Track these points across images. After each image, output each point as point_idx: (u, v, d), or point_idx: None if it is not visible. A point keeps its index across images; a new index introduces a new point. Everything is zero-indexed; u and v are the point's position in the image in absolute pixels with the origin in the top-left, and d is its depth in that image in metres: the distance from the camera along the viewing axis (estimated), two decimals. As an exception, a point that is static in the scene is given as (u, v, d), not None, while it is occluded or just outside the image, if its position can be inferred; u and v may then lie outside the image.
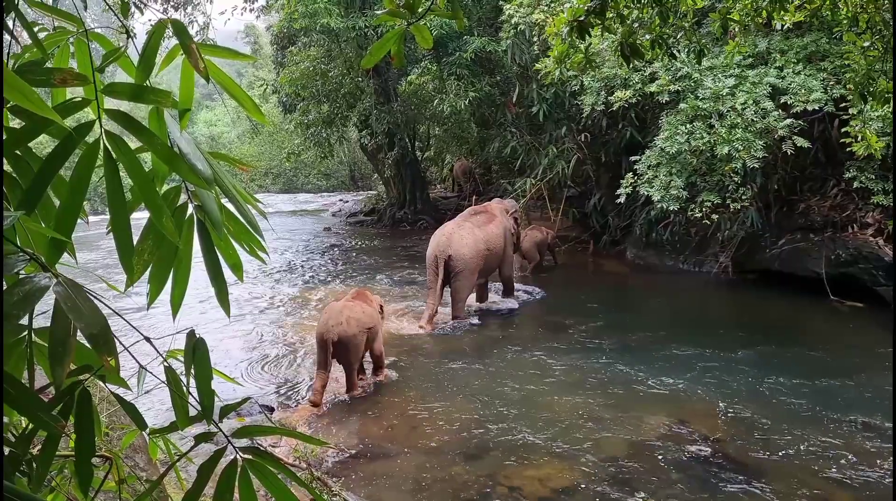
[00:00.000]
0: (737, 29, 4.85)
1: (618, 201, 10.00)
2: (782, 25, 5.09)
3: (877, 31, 4.55)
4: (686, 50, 4.89)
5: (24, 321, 1.10)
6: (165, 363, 1.36)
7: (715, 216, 9.02)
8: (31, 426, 1.18)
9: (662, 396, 6.01)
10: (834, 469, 4.69)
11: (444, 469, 4.79)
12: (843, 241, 9.08)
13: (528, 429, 5.39)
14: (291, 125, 17.70)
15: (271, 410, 5.85)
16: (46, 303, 1.04)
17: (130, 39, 1.54)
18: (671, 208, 8.84)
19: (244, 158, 30.31)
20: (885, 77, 4.68)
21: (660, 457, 4.92)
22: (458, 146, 17.74)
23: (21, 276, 1.04)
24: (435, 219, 17.06)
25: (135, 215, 1.25)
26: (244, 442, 1.33)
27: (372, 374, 6.61)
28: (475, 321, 8.71)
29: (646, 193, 9.12)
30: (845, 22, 4.71)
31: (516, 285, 9.84)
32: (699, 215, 8.95)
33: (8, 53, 1.35)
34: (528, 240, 11.31)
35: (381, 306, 6.70)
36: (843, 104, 8.03)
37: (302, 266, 12.68)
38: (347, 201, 23.67)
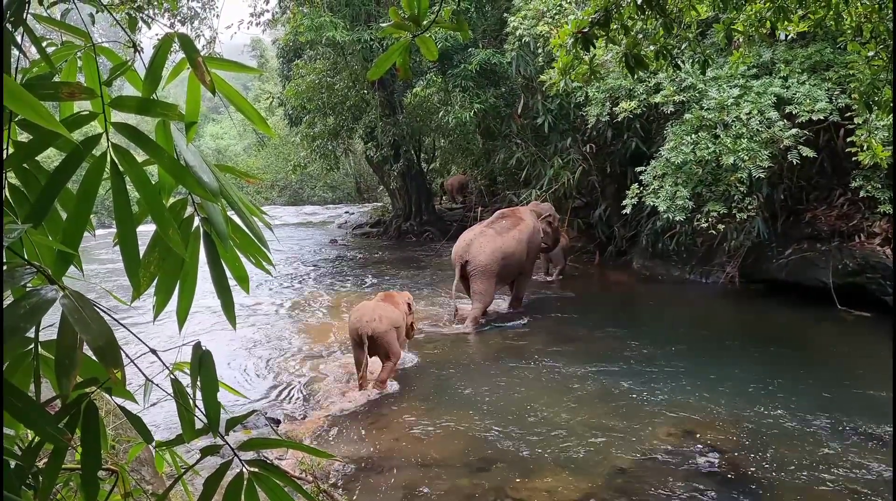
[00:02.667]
0: (741, 39, 4.86)
1: (623, 211, 10.00)
2: (786, 36, 5.10)
3: (881, 41, 4.55)
4: (690, 60, 4.89)
5: (31, 333, 1.11)
6: (172, 376, 1.36)
7: (721, 226, 9.00)
8: (37, 438, 1.18)
9: (670, 407, 5.98)
10: (843, 480, 4.65)
11: (451, 482, 4.77)
12: (849, 250, 9.04)
13: (535, 440, 5.36)
14: (297, 138, 17.78)
15: (277, 422, 5.84)
16: (53, 316, 1.04)
17: (138, 53, 1.55)
18: (677, 219, 8.82)
19: (250, 170, 30.47)
20: (890, 86, 4.68)
21: (668, 469, 4.88)
22: (463, 158, 17.81)
23: (28, 289, 1.04)
24: (441, 230, 17.09)
25: (141, 228, 1.26)
26: (250, 455, 1.33)
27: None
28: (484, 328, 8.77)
29: (651, 203, 9.11)
30: (849, 32, 4.72)
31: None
32: (705, 225, 8.94)
33: (16, 68, 1.37)
34: (564, 240, 11.43)
35: (409, 304, 7.11)
36: (849, 114, 8.03)
37: (308, 278, 12.69)
38: (353, 213, 23.75)
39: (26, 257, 1.15)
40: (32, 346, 1.16)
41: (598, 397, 6.27)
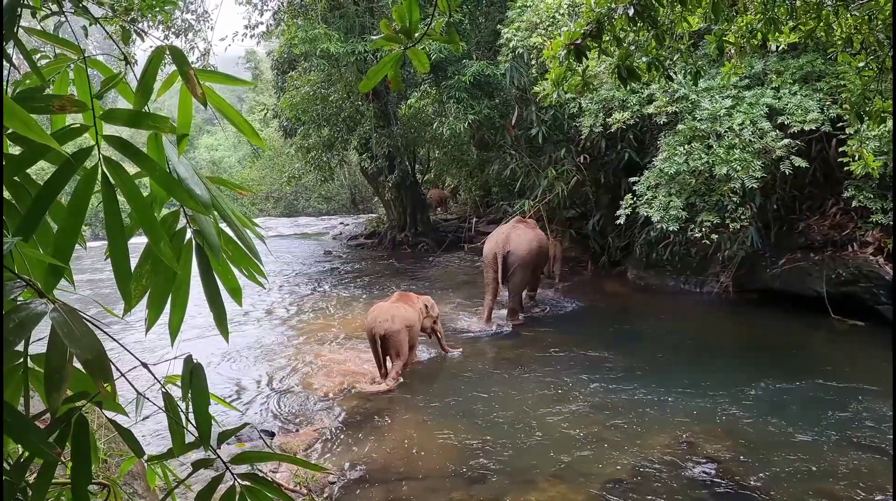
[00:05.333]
0: (733, 50, 4.89)
1: (617, 221, 10.01)
2: (777, 47, 5.14)
3: (871, 52, 4.59)
4: (683, 72, 4.92)
5: (21, 347, 1.10)
6: (163, 389, 1.36)
7: (715, 236, 9.02)
8: (27, 453, 1.17)
9: (666, 417, 5.97)
10: (839, 488, 4.64)
11: (447, 494, 4.74)
12: (843, 260, 9.07)
13: (530, 451, 5.34)
14: (292, 149, 17.80)
15: (271, 435, 5.81)
16: (43, 329, 1.03)
17: (130, 66, 1.56)
18: (671, 229, 8.83)
19: (245, 182, 30.49)
20: (881, 97, 4.71)
21: (664, 479, 4.87)
22: (458, 169, 17.85)
23: (18, 302, 1.04)
24: (436, 241, 17.09)
25: (134, 240, 1.25)
26: (243, 468, 1.32)
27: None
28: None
29: (645, 213, 9.12)
30: (840, 43, 4.75)
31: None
32: (699, 235, 8.94)
33: (7, 81, 1.36)
34: (559, 248, 11.68)
35: (427, 306, 7.48)
36: (840, 124, 8.07)
37: (302, 289, 12.66)
38: (348, 224, 23.75)
39: (16, 270, 1.15)
40: (22, 360, 1.16)
41: (593, 407, 6.26)
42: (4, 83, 1.30)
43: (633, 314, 10.53)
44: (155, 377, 1.39)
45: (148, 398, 1.41)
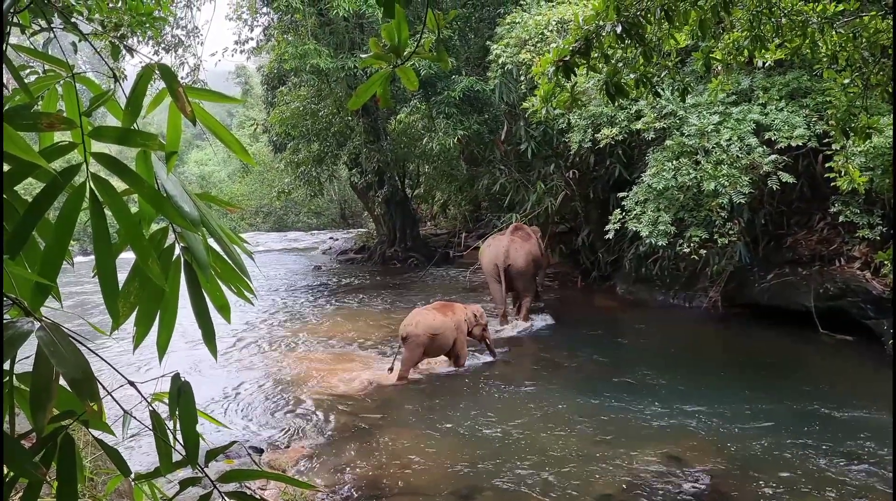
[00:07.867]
0: (720, 67, 4.95)
1: (606, 236, 10.05)
2: (764, 63, 5.19)
3: (856, 69, 4.64)
4: (670, 88, 4.97)
5: (6, 365, 1.09)
6: (150, 408, 1.35)
7: (703, 251, 9.05)
8: (11, 473, 1.16)
9: (655, 432, 5.97)
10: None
11: (436, 511, 4.71)
12: (830, 274, 9.12)
13: (520, 468, 5.32)
14: (282, 164, 17.80)
15: (260, 451, 5.76)
16: (30, 347, 1.03)
17: (119, 82, 1.56)
18: (659, 244, 8.87)
19: (234, 196, 30.42)
20: (866, 113, 4.77)
21: (654, 495, 4.86)
22: (447, 184, 17.89)
23: (4, 320, 1.03)
24: (425, 256, 17.07)
25: (124, 255, 1.24)
26: (231, 486, 1.31)
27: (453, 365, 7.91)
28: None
29: (634, 228, 9.16)
30: (825, 60, 4.81)
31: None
32: (687, 250, 8.98)
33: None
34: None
35: (476, 315, 7.97)
36: (826, 140, 8.15)
37: (292, 305, 12.60)
38: (338, 239, 23.70)
39: (3, 288, 1.14)
40: (7, 378, 1.14)
41: (582, 423, 6.25)
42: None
43: (622, 329, 10.55)
44: (142, 396, 1.38)
45: (135, 417, 1.40)
